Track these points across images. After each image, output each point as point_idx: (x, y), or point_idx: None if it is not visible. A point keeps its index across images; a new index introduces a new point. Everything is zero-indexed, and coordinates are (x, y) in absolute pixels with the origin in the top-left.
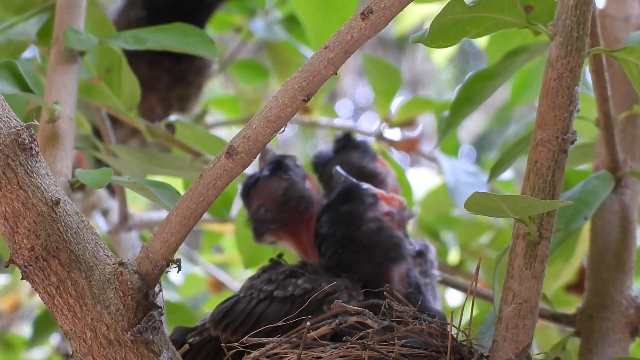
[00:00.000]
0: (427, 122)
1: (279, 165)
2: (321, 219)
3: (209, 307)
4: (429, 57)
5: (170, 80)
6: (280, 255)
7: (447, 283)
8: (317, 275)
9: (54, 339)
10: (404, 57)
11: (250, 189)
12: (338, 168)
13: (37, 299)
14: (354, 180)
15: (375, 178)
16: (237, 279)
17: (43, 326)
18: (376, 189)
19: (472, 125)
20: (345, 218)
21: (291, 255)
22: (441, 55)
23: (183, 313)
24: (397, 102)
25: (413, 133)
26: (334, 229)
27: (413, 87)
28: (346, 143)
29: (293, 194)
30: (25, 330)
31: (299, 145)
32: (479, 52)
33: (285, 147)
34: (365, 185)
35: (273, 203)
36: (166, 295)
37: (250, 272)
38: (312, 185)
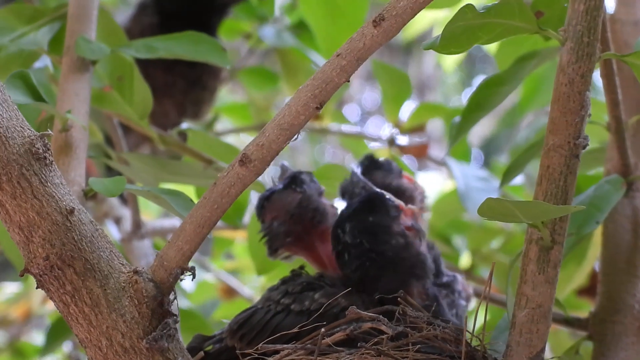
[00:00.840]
0: (434, 127)
1: (293, 179)
2: (344, 226)
3: (220, 314)
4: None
5: (185, 85)
6: (302, 267)
7: None
8: (335, 288)
9: (66, 346)
10: (411, 60)
11: (265, 202)
12: (357, 172)
13: (48, 307)
14: (375, 187)
15: (402, 194)
16: (248, 285)
17: (56, 334)
18: (397, 200)
19: (480, 128)
20: (373, 229)
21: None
22: (450, 61)
23: (195, 320)
24: (406, 108)
25: (422, 138)
26: (361, 239)
27: (420, 91)
28: (369, 164)
29: (307, 206)
30: (36, 338)
31: (307, 150)
32: (485, 56)
33: (294, 152)
34: (387, 195)
35: (286, 215)
36: (180, 302)
37: (261, 279)
38: (327, 202)
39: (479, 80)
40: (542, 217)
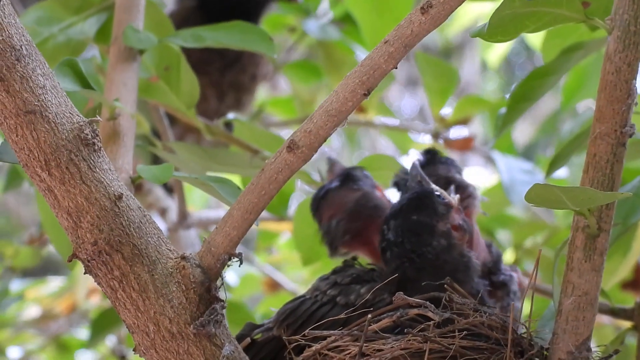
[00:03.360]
0: (475, 122)
1: (348, 177)
2: (389, 223)
3: (263, 308)
4: (475, 67)
5: (222, 64)
6: (354, 258)
7: None
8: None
9: (110, 340)
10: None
11: (321, 201)
12: (417, 163)
13: (93, 301)
14: (429, 183)
15: (463, 190)
16: (292, 278)
17: (100, 328)
18: (448, 197)
19: (520, 135)
20: (416, 229)
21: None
22: (495, 57)
23: (240, 312)
24: (450, 103)
25: (467, 132)
26: (402, 238)
27: (459, 97)
28: (431, 157)
29: (367, 204)
30: (80, 332)
31: (346, 155)
32: (524, 63)
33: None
34: (438, 192)
35: (344, 213)
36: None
37: (305, 273)
38: (381, 195)
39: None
40: (589, 203)
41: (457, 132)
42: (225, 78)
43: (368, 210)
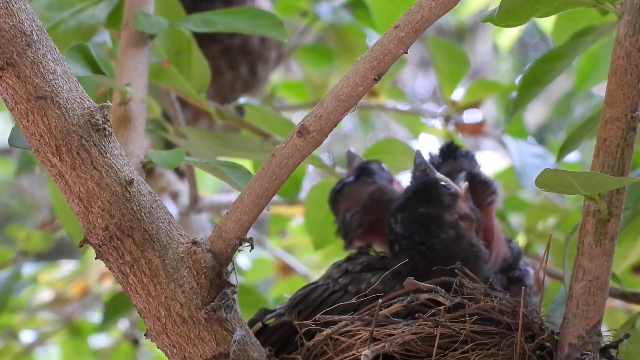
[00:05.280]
0: (486, 107)
1: (363, 171)
2: (397, 216)
3: (276, 292)
4: (488, 48)
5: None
6: (369, 246)
7: None
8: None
9: (123, 325)
10: (463, 47)
11: (337, 194)
12: (421, 153)
13: (105, 284)
14: (434, 172)
15: (489, 187)
16: (305, 262)
17: (112, 311)
18: (455, 185)
19: (533, 116)
20: (424, 221)
21: None
22: (506, 40)
23: (252, 296)
24: (462, 86)
25: (478, 116)
26: (411, 231)
27: (472, 78)
28: (452, 152)
29: (381, 197)
30: (93, 316)
31: (359, 138)
32: (538, 44)
33: (346, 139)
34: (444, 181)
35: (358, 207)
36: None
37: (316, 257)
38: (399, 187)
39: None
40: (599, 188)
41: (470, 116)
42: (235, 41)
43: (382, 204)
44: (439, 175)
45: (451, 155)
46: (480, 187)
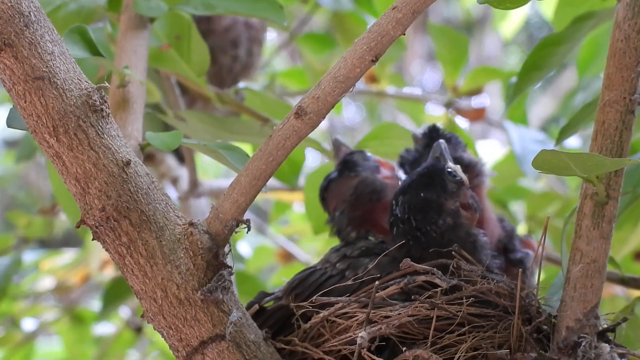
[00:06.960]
0: (493, 99)
1: (346, 164)
2: (399, 199)
3: (278, 279)
4: (496, 39)
5: None
6: (368, 231)
7: None
8: (389, 257)
9: (124, 312)
10: (472, 40)
11: (325, 192)
12: (441, 143)
13: (107, 272)
14: (447, 161)
15: (473, 168)
16: (306, 250)
17: (112, 298)
18: (462, 174)
19: (540, 109)
20: (423, 206)
21: None
22: (508, 29)
23: (251, 283)
24: (464, 71)
25: (480, 102)
26: (409, 214)
27: None
28: (434, 136)
29: (364, 190)
30: (95, 304)
31: (365, 129)
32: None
33: (352, 131)
34: (451, 169)
35: (345, 204)
36: (235, 266)
37: (318, 244)
38: (388, 171)
39: None
40: (597, 170)
41: (474, 102)
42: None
43: (367, 196)
44: (450, 164)
45: (433, 138)
46: (465, 171)
